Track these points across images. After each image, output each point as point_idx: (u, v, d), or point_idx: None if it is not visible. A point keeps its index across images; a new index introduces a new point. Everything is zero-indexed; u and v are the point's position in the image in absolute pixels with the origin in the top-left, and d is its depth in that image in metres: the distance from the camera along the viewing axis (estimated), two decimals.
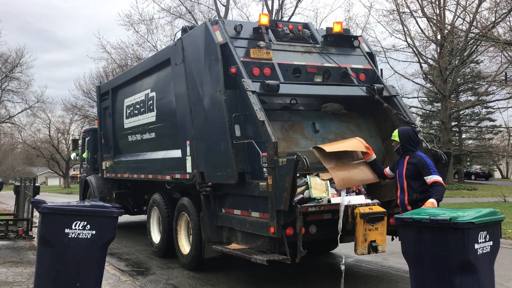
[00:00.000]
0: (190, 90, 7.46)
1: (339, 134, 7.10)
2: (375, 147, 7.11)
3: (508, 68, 29.04)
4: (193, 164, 7.41)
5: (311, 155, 6.27)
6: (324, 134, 6.99)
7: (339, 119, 7.32)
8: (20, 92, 45.42)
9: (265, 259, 5.81)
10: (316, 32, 7.86)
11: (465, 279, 4.33)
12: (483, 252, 4.42)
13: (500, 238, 4.71)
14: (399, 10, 28.51)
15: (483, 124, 43.85)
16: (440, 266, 4.42)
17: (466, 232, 4.26)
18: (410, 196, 5.95)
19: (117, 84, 11.11)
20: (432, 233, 4.43)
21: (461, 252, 4.29)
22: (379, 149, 7.21)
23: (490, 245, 4.49)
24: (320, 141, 6.84)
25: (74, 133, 53.72)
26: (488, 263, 4.52)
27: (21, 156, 73.28)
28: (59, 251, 5.51)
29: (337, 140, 6.87)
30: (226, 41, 6.87)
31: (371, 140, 7.15)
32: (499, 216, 4.71)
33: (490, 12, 23.48)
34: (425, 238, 4.51)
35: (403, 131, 6.22)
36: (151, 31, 32.86)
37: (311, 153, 6.32)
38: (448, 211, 4.67)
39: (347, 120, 7.36)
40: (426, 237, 4.50)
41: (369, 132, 7.34)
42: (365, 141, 6.78)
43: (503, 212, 15.20)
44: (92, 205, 5.81)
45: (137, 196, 11.46)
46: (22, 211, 11.56)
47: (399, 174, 6.11)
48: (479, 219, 4.37)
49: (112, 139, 11.36)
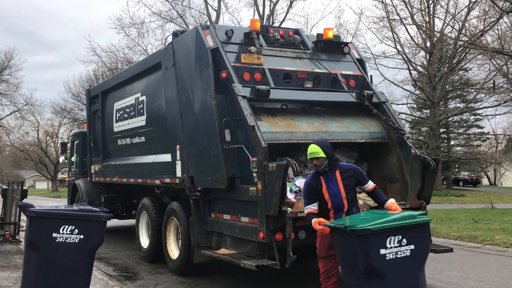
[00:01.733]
0: (180, 95, 7.45)
1: (333, 115, 7.32)
2: (373, 122, 7.32)
3: (496, 76, 29.37)
4: (183, 169, 7.39)
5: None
6: (317, 114, 7.26)
7: (328, 109, 7.52)
8: (9, 94, 45.11)
9: (254, 264, 5.80)
10: (307, 38, 7.90)
11: (374, 284, 4.36)
12: (397, 257, 4.39)
13: (428, 240, 4.70)
14: (389, 17, 28.73)
15: (471, 131, 44.25)
16: (353, 271, 4.52)
17: (367, 238, 4.30)
18: (349, 212, 5.16)
19: (107, 87, 11.06)
20: (346, 239, 4.53)
21: (365, 258, 4.35)
22: (378, 123, 7.33)
23: (410, 249, 4.44)
24: (315, 117, 7.11)
25: (63, 136, 53.30)
26: (408, 267, 4.45)
27: (9, 159, 72.58)
28: (46, 255, 5.48)
29: (332, 118, 7.19)
30: (217, 46, 6.88)
31: (365, 118, 7.36)
32: (420, 219, 4.62)
33: (478, 20, 23.77)
34: (343, 244, 4.63)
35: (323, 143, 5.26)
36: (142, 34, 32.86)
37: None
38: (369, 216, 4.71)
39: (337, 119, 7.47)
40: (343, 244, 4.62)
41: (361, 114, 7.45)
42: (360, 119, 7.17)
43: (491, 219, 15.33)
44: (80, 209, 5.78)
45: (126, 200, 11.39)
46: (9, 214, 11.43)
47: (334, 194, 5.15)
48: (379, 225, 4.36)
49: (101, 143, 11.30)
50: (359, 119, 7.36)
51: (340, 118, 7.28)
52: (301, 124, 6.81)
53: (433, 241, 7.25)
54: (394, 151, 7.25)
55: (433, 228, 12.82)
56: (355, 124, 7.24)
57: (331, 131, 6.94)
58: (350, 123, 7.24)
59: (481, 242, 11.04)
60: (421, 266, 4.61)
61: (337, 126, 7.10)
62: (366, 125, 7.30)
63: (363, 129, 7.22)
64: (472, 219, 15.18)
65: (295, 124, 6.80)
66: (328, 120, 7.18)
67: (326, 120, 7.16)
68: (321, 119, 7.12)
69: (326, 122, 7.10)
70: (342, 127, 7.12)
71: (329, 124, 7.07)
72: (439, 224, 14.19)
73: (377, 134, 7.28)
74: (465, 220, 15.28)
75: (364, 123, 7.32)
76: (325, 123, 7.07)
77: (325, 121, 7.11)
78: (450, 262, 8.81)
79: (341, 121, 7.22)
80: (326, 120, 7.16)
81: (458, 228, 13.15)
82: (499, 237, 11.46)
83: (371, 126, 7.32)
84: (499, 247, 10.46)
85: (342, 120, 7.25)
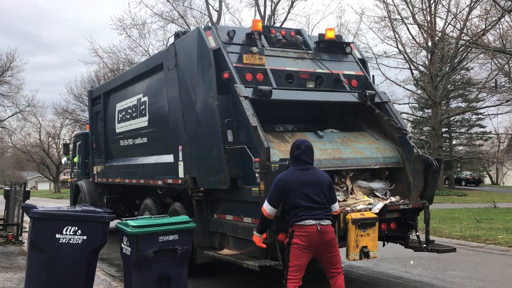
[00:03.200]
0: (182, 95, 7.46)
1: (345, 139, 7.17)
2: (388, 146, 7.20)
3: (498, 75, 29.34)
4: (185, 169, 7.40)
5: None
6: (330, 139, 7.06)
7: (341, 132, 7.42)
8: (11, 96, 45.15)
9: (257, 264, 5.81)
10: (309, 38, 7.90)
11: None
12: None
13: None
14: (391, 17, 28.73)
15: (473, 130, 44.21)
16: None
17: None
18: None
19: (109, 88, 11.07)
20: None
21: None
22: (391, 147, 7.22)
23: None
24: (328, 143, 6.92)
25: (65, 138, 53.41)
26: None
27: (11, 161, 72.70)
28: (49, 256, 5.48)
29: (345, 143, 7.01)
30: (219, 47, 6.88)
31: (379, 142, 7.23)
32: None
33: (480, 19, 23.74)
34: None
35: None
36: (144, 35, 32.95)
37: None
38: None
39: (349, 133, 7.44)
40: None
41: (375, 137, 7.39)
42: (374, 143, 7.00)
43: (493, 218, 15.32)
44: (83, 210, 5.79)
45: (129, 201, 11.40)
46: (12, 216, 11.46)
47: None
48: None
49: (103, 144, 11.31)
50: (372, 143, 7.20)
51: (353, 142, 7.10)
52: (314, 150, 6.68)
53: (436, 241, 7.27)
54: (398, 151, 7.25)
55: (436, 228, 12.82)
56: (369, 149, 7.04)
57: (344, 157, 6.75)
58: (363, 148, 7.06)
59: (483, 242, 11.03)
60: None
61: (351, 152, 6.90)
62: (380, 149, 7.11)
63: (377, 154, 7.01)
64: (474, 218, 15.17)
65: None
66: (341, 145, 6.99)
67: (339, 145, 6.96)
68: (334, 145, 6.92)
69: (340, 148, 6.89)
70: (356, 152, 6.91)
71: (343, 150, 6.88)
72: (441, 223, 14.19)
73: (392, 159, 7.12)
74: (467, 219, 15.27)
75: (378, 147, 7.13)
76: (339, 149, 6.86)
77: (338, 147, 6.90)
78: (453, 261, 8.81)
79: (354, 146, 7.02)
80: (339, 145, 6.96)
81: (461, 228, 13.14)
82: (502, 237, 11.45)
83: (385, 150, 7.14)
84: (502, 247, 10.45)
85: (355, 145, 7.06)
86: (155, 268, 5.41)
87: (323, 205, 4.98)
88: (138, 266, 5.40)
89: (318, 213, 4.92)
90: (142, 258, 5.36)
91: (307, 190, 4.95)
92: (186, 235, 5.66)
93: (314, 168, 5.21)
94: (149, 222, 5.62)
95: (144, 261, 5.37)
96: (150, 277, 5.42)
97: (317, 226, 4.86)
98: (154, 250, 5.39)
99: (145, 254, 5.36)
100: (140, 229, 5.41)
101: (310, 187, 4.97)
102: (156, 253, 5.41)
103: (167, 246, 5.48)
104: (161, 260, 5.44)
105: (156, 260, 5.41)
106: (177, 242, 5.55)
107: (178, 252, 5.54)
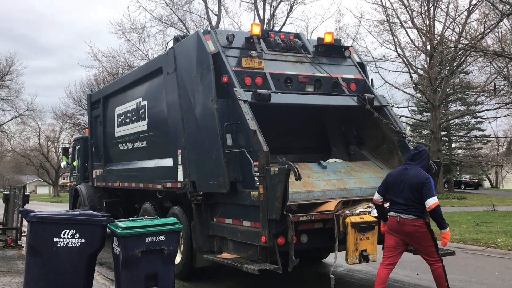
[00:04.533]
0: (182, 99, 7.46)
1: (349, 169, 7.11)
2: None
3: (497, 78, 29.37)
4: (185, 173, 7.40)
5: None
6: (334, 169, 6.99)
7: (344, 162, 7.38)
8: (10, 100, 45.07)
9: (256, 268, 5.80)
10: (308, 42, 7.92)
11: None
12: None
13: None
14: (389, 20, 28.80)
15: (472, 133, 44.27)
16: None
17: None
18: None
19: (109, 92, 11.08)
20: None
21: None
22: None
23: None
24: (332, 173, 6.86)
25: (64, 142, 53.31)
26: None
27: (10, 165, 72.61)
28: (48, 260, 5.48)
29: (349, 173, 6.94)
30: (218, 51, 6.90)
31: (383, 171, 7.16)
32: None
33: (479, 23, 23.77)
34: None
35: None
36: (143, 39, 32.93)
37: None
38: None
39: (353, 162, 7.41)
40: None
41: (379, 166, 7.34)
42: (378, 172, 6.97)
43: (493, 222, 15.31)
44: (81, 214, 5.80)
45: (128, 205, 11.38)
46: (11, 220, 11.45)
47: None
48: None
49: (103, 148, 11.31)
50: (377, 173, 7.15)
51: (357, 172, 7.06)
52: (318, 182, 6.57)
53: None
54: (396, 155, 7.25)
55: (435, 231, 12.78)
56: (374, 179, 6.96)
57: (349, 187, 6.69)
58: (368, 177, 7.01)
59: (483, 245, 11.02)
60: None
61: (355, 181, 6.85)
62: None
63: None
64: (474, 222, 15.16)
65: (312, 182, 6.55)
66: (346, 175, 6.93)
67: (343, 175, 6.91)
68: (338, 175, 6.88)
69: (344, 178, 6.84)
70: (361, 182, 6.86)
71: (347, 180, 6.82)
72: None
73: None
74: (467, 223, 15.26)
75: (383, 176, 6.90)
76: (343, 180, 6.81)
77: (342, 177, 6.85)
78: (452, 265, 8.79)
79: (359, 176, 6.97)
80: (343, 175, 6.91)
81: (460, 231, 13.13)
82: (501, 240, 11.44)
83: None
84: (501, 250, 10.44)
85: (360, 175, 7.01)
86: (143, 267, 5.62)
87: (408, 202, 5.70)
88: (126, 265, 5.60)
89: (402, 207, 5.73)
90: (130, 257, 5.57)
91: (399, 187, 5.78)
92: (172, 236, 5.86)
93: (413, 168, 5.80)
94: (137, 223, 5.81)
95: (131, 261, 5.57)
96: (137, 276, 5.63)
97: (397, 218, 5.74)
98: (142, 250, 5.60)
99: (132, 253, 5.56)
100: (129, 230, 5.61)
101: (402, 184, 5.76)
102: (144, 253, 5.61)
103: (154, 246, 5.67)
104: (149, 260, 5.66)
105: (144, 260, 5.62)
106: (163, 242, 5.73)
107: (164, 252, 5.74)
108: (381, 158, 7.50)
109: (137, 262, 5.58)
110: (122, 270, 5.64)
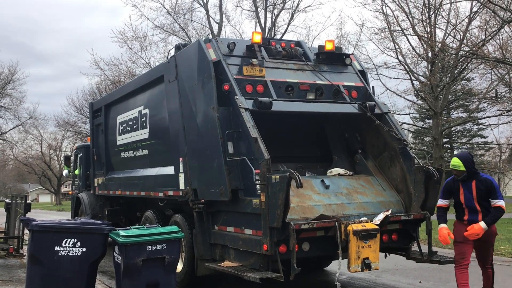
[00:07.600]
0: (183, 107, 7.48)
1: (351, 189, 7.05)
2: (393, 199, 7.11)
3: (499, 85, 29.34)
4: (186, 181, 7.39)
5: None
6: (335, 189, 6.93)
7: (347, 178, 7.31)
8: (13, 108, 45.20)
9: (258, 276, 5.79)
10: (309, 50, 7.94)
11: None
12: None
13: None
14: (390, 28, 28.79)
15: (474, 140, 44.17)
16: None
17: None
18: (484, 215, 6.24)
19: (110, 100, 11.11)
20: None
21: None
22: (396, 200, 7.15)
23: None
24: (333, 195, 6.80)
25: (66, 150, 53.38)
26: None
27: (12, 173, 72.66)
28: (49, 269, 5.48)
29: (350, 195, 6.88)
30: (219, 59, 6.92)
31: (385, 193, 7.15)
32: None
33: (480, 30, 23.78)
34: None
35: (465, 158, 6.20)
36: (145, 48, 32.87)
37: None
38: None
39: (356, 178, 7.37)
40: None
41: (381, 186, 7.30)
42: (379, 195, 6.96)
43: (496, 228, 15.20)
44: (82, 222, 5.82)
45: (130, 213, 11.38)
46: (13, 228, 11.43)
47: (467, 198, 6.26)
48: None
49: (104, 156, 11.32)
50: (378, 196, 7.08)
51: (358, 194, 6.96)
52: (318, 208, 6.48)
53: (438, 252, 7.23)
54: (397, 162, 7.24)
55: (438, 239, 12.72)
56: (373, 204, 6.91)
57: (347, 214, 6.59)
58: (368, 202, 6.92)
59: None
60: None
61: (355, 207, 6.76)
62: (385, 204, 6.98)
63: (381, 209, 6.79)
64: None
65: (312, 208, 6.46)
66: (346, 198, 6.84)
67: (344, 199, 6.81)
68: (339, 198, 6.77)
69: (344, 203, 6.74)
70: (360, 208, 6.78)
71: (347, 206, 6.73)
72: None
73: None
74: None
75: (383, 201, 7.01)
76: (343, 205, 6.71)
77: (343, 202, 6.75)
78: None
79: (359, 200, 6.88)
80: (344, 199, 6.81)
81: None
82: (504, 247, 11.39)
83: (390, 204, 7.00)
84: (504, 257, 10.39)
85: (360, 198, 6.92)
86: (144, 275, 5.64)
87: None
88: (127, 274, 5.62)
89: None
90: (131, 266, 5.58)
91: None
92: (174, 244, 5.89)
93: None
94: (139, 232, 5.81)
95: (133, 269, 5.59)
96: (139, 284, 5.64)
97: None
98: (143, 259, 5.61)
99: (134, 262, 5.57)
100: (130, 238, 5.62)
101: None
102: (145, 262, 5.63)
103: (155, 255, 5.70)
104: (150, 268, 5.67)
105: (145, 268, 5.64)
106: (165, 251, 5.76)
107: (166, 261, 5.76)
108: (382, 165, 7.48)
109: (138, 270, 5.58)
110: (123, 278, 5.64)
